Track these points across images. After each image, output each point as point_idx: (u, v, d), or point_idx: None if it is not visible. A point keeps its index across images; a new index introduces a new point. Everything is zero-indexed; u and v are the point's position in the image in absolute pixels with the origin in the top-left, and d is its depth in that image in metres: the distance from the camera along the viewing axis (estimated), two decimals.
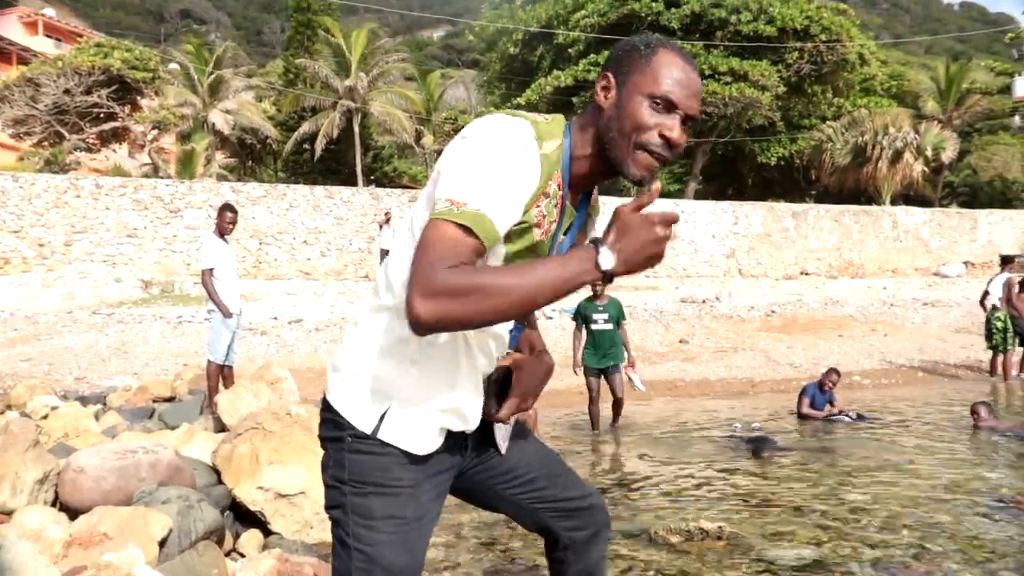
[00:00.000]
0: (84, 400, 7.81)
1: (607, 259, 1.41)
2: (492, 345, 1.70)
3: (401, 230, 1.67)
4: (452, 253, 1.40)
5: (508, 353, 1.74)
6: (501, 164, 1.48)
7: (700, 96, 1.61)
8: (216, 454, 4.41)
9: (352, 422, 1.64)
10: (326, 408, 1.71)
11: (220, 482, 4.26)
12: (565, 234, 1.69)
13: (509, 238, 1.55)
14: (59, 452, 4.49)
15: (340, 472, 1.66)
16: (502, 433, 1.82)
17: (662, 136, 1.57)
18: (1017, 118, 33.09)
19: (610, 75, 1.60)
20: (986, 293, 11.68)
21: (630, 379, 7.94)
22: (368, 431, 1.63)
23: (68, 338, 12.27)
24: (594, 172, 1.65)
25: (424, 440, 1.65)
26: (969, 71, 37.23)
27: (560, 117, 1.66)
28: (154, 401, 7.81)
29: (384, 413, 1.63)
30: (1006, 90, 34.96)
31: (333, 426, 1.68)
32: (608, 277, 1.42)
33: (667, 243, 1.43)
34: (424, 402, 1.63)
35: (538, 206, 1.55)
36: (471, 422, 1.71)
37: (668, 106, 1.56)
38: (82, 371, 10.22)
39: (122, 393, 8.19)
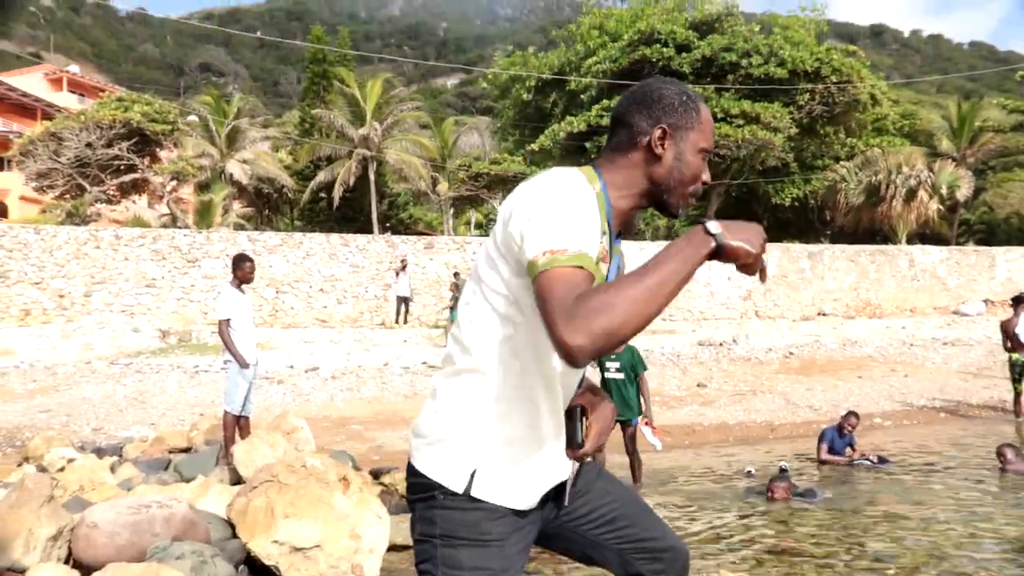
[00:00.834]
0: (100, 452, 7.82)
1: (715, 226, 1.57)
2: (575, 385, 1.82)
3: (473, 295, 1.76)
4: (574, 288, 1.49)
5: (578, 393, 1.85)
6: (575, 207, 1.60)
7: None
8: (231, 507, 4.39)
9: (442, 483, 1.72)
10: (412, 473, 1.79)
11: (235, 536, 4.23)
12: (608, 270, 1.78)
13: None
14: (74, 506, 4.48)
15: (431, 528, 1.74)
16: (570, 479, 1.89)
17: (704, 183, 1.82)
18: None
19: (667, 127, 1.75)
20: (1014, 336, 11.28)
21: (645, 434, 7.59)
22: (459, 490, 1.71)
23: (86, 388, 12.32)
24: (632, 209, 1.81)
25: (520, 495, 1.74)
26: (981, 109, 37.25)
27: (587, 167, 1.79)
28: (170, 452, 7.81)
29: (474, 472, 1.70)
30: (1019, 127, 34.95)
31: (421, 488, 1.76)
32: (717, 249, 1.56)
33: (757, 260, 1.61)
34: (513, 458, 1.72)
35: (600, 242, 1.67)
36: (563, 472, 1.82)
37: (708, 156, 1.81)
38: (99, 422, 10.23)
39: (139, 444, 8.20)
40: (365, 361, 14.53)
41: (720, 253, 1.57)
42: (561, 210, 1.59)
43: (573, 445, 1.72)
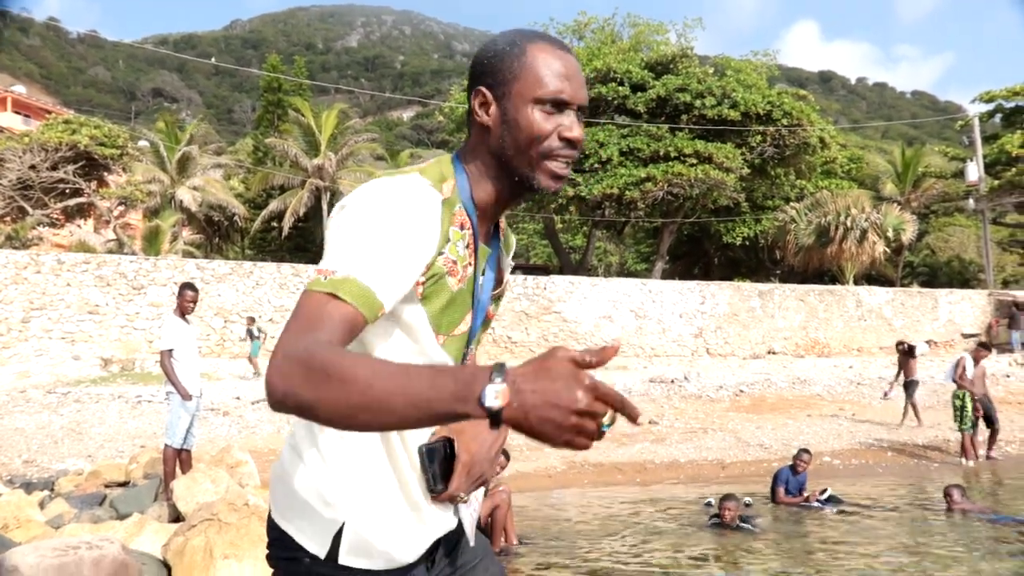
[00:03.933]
0: (30, 486, 7.47)
1: (494, 396, 1.01)
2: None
3: None
4: (317, 320, 1.22)
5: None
6: (381, 225, 1.31)
7: (584, 80, 1.46)
8: (167, 548, 4.18)
9: (303, 544, 1.40)
10: (273, 527, 1.46)
11: None
12: (483, 274, 1.52)
13: (426, 298, 1.38)
14: None
15: None
16: (469, 522, 1.59)
17: (562, 138, 1.42)
18: (971, 201, 33.95)
19: (484, 89, 1.44)
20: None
21: None
22: (321, 554, 1.39)
23: (19, 418, 11.85)
24: (499, 197, 1.50)
25: (398, 550, 1.43)
26: (923, 155, 38.43)
27: (444, 156, 1.50)
28: (106, 486, 7.48)
29: (340, 530, 1.39)
30: (959, 174, 36.04)
31: (286, 547, 1.44)
32: (492, 418, 1.03)
33: (582, 429, 1.01)
34: (384, 511, 1.41)
35: (442, 253, 1.38)
36: (448, 520, 1.51)
37: (559, 105, 1.42)
38: (32, 454, 9.82)
39: (73, 477, 7.86)
40: None
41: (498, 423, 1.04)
42: (357, 226, 1.30)
43: (431, 489, 1.41)
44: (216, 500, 4.56)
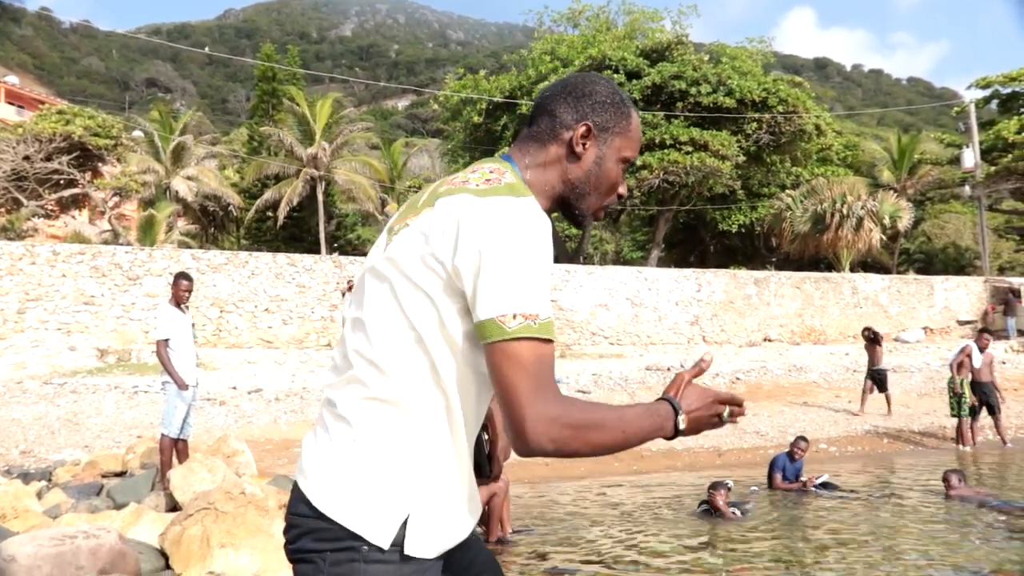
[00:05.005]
0: (28, 476, 7.47)
1: (683, 423, 1.49)
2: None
3: (388, 315, 1.46)
4: (550, 371, 1.37)
5: None
6: (539, 258, 1.42)
7: None
8: (164, 536, 4.18)
9: (362, 534, 1.40)
10: (314, 515, 1.44)
11: (168, 567, 4.03)
12: None
13: None
14: None
15: None
16: None
17: (620, 195, 1.67)
18: (967, 188, 33.91)
19: (592, 126, 1.59)
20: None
21: None
22: (385, 545, 1.40)
23: (16, 409, 11.83)
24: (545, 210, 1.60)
25: (450, 540, 1.50)
26: (919, 142, 38.35)
27: (507, 166, 1.56)
28: (103, 476, 7.48)
29: (406, 521, 1.41)
30: (955, 161, 36.02)
31: (333, 539, 1.42)
32: (676, 434, 1.49)
33: (717, 422, 1.56)
34: (444, 501, 1.47)
35: None
36: (481, 505, 1.65)
37: (628, 167, 1.66)
38: (29, 444, 9.81)
39: (70, 467, 7.85)
40: (310, 383, 14.23)
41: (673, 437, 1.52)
42: (527, 262, 1.37)
43: (484, 474, 1.58)
44: (213, 489, 4.56)
